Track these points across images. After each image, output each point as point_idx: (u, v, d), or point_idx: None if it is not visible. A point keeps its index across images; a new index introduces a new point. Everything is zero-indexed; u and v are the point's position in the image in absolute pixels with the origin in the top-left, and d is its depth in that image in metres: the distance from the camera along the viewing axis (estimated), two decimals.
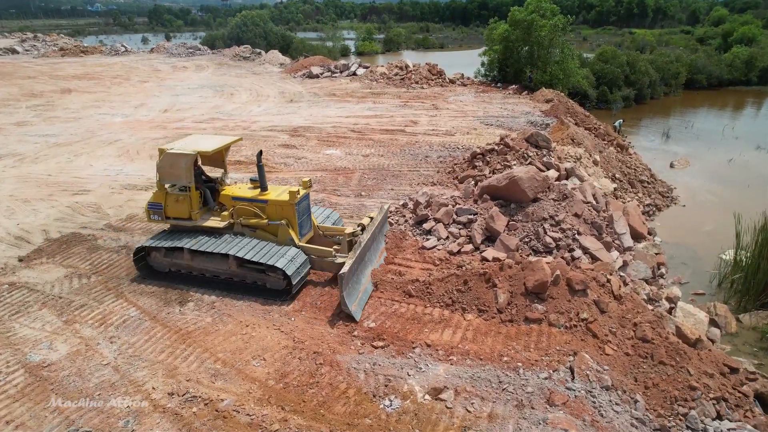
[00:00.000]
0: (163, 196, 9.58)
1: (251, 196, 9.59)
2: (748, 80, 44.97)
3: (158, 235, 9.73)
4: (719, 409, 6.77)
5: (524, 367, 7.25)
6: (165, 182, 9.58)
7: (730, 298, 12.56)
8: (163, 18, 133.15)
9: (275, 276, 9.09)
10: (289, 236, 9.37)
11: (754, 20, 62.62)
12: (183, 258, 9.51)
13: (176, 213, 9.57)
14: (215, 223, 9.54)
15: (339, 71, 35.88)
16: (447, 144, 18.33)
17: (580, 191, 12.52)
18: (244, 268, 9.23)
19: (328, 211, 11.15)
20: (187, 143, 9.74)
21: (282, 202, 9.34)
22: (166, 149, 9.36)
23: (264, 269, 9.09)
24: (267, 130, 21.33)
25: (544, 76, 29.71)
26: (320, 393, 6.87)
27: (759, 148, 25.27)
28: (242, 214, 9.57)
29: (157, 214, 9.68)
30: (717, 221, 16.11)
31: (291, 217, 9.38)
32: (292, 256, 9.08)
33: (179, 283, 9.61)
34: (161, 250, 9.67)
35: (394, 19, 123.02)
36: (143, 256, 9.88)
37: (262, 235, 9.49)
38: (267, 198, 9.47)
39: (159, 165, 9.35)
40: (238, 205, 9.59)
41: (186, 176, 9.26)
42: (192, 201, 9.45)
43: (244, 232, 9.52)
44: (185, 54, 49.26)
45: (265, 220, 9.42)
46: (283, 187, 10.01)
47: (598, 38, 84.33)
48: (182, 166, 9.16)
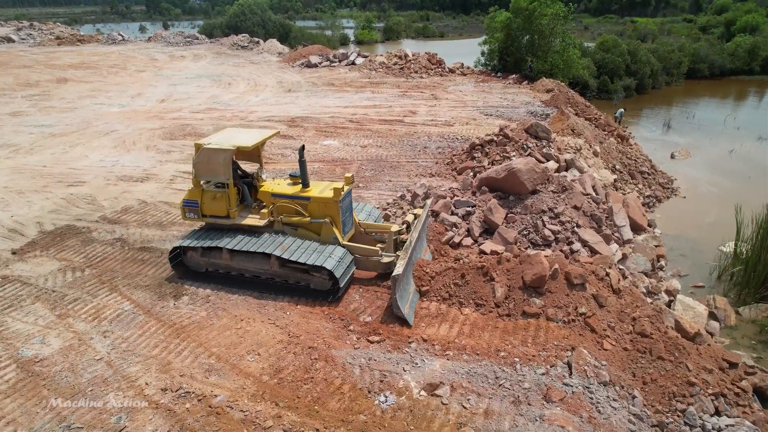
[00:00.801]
0: (199, 193, 9.20)
1: (292, 193, 9.17)
2: (751, 69, 44.56)
3: (194, 234, 9.35)
4: (717, 404, 6.71)
5: (521, 363, 7.18)
6: (201, 179, 9.17)
7: (729, 290, 12.48)
8: (160, 6, 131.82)
9: (320, 276, 8.73)
10: (332, 235, 8.97)
11: (758, 9, 61.87)
12: (221, 258, 9.14)
13: (213, 211, 9.20)
14: (254, 221, 9.15)
15: (338, 60, 35.54)
16: (446, 135, 18.15)
17: (579, 183, 12.39)
18: (286, 268, 8.86)
19: (368, 208, 10.65)
20: (224, 138, 9.31)
21: (326, 200, 8.93)
22: (202, 144, 8.93)
23: (308, 269, 8.71)
24: (264, 120, 21.13)
25: (545, 66, 29.42)
26: (315, 389, 6.80)
27: (761, 139, 25.08)
28: (283, 212, 9.19)
29: (193, 212, 9.30)
30: (717, 213, 16.00)
31: (335, 215, 8.98)
32: (340, 256, 8.69)
33: (216, 283, 9.25)
34: (198, 250, 9.28)
35: (393, 8, 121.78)
36: (178, 255, 9.52)
37: (304, 234, 9.11)
38: (309, 195, 9.07)
39: (195, 161, 8.94)
40: (279, 203, 9.19)
41: (224, 172, 8.86)
42: (230, 198, 9.07)
43: (285, 230, 9.17)
44: (183, 43, 48.78)
45: (308, 218, 9.05)
46: (325, 183, 9.58)
47: (599, 27, 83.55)
48: (220, 162, 8.76)
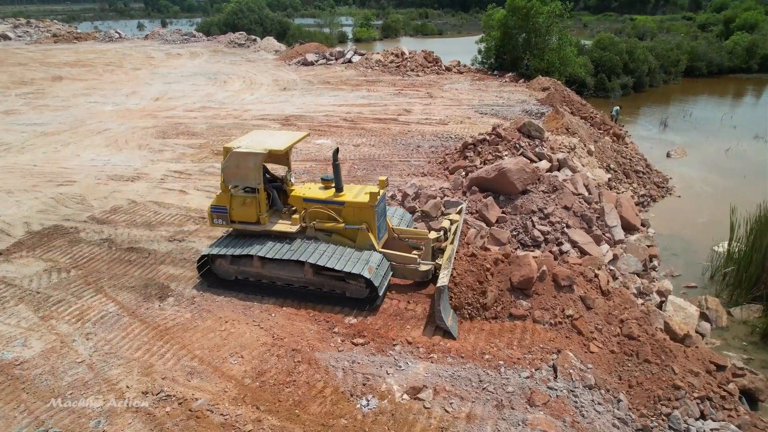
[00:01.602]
0: (228, 198, 8.87)
1: (326, 198, 8.84)
2: (749, 68, 44.45)
3: (222, 241, 9.05)
4: (703, 408, 6.65)
5: (506, 366, 7.12)
6: (230, 183, 8.85)
7: (722, 291, 12.41)
8: (159, 4, 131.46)
9: (357, 284, 8.41)
10: (369, 241, 8.62)
11: (757, 6, 61.68)
12: (252, 265, 8.82)
13: (243, 217, 8.87)
14: (286, 227, 8.84)
15: (334, 58, 35.41)
16: (440, 133, 18.07)
17: (571, 182, 12.31)
18: (321, 275, 8.55)
19: (400, 212, 10.32)
20: (253, 141, 8.95)
21: (361, 204, 8.60)
22: (232, 148, 8.61)
23: (344, 277, 8.41)
24: (258, 119, 21.03)
25: (541, 64, 29.30)
26: (296, 392, 6.74)
27: (757, 138, 25.00)
28: (315, 217, 8.85)
29: (221, 218, 8.98)
30: (712, 212, 15.94)
31: (370, 221, 8.64)
32: (378, 263, 8.39)
33: (247, 291, 8.95)
34: (227, 258, 8.96)
35: (392, 5, 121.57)
36: (205, 263, 9.22)
37: (338, 240, 8.79)
38: (343, 200, 8.73)
39: (224, 165, 8.65)
40: (311, 208, 8.85)
41: (255, 177, 8.56)
42: (260, 203, 8.75)
43: (318, 236, 8.84)
44: (180, 41, 48.63)
45: (342, 223, 8.73)
46: (359, 186, 9.27)
47: (598, 25, 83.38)
48: (251, 167, 8.46)
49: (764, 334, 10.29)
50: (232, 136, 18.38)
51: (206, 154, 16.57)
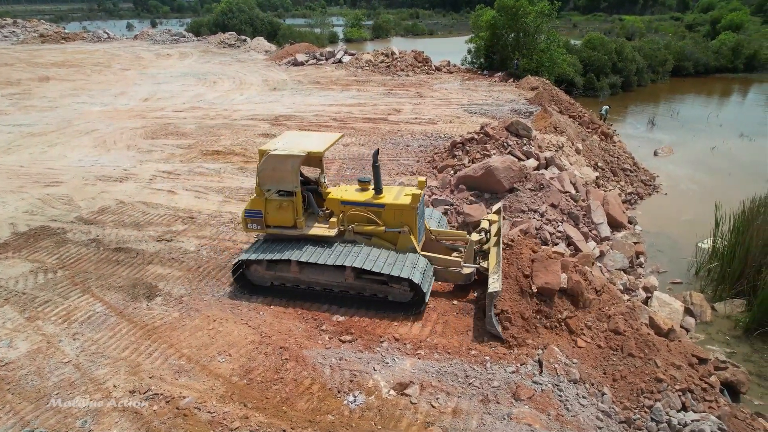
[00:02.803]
0: (263, 202, 8.64)
1: (365, 200, 8.61)
2: (735, 67, 45.06)
3: (257, 246, 8.77)
4: (685, 400, 6.76)
5: (492, 361, 7.19)
6: (266, 187, 8.58)
7: (706, 286, 12.59)
8: (148, 4, 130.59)
9: (400, 288, 8.21)
10: (410, 244, 8.41)
11: (742, 7, 62.58)
12: (290, 270, 8.59)
13: (279, 221, 8.66)
14: (324, 231, 8.61)
15: (324, 58, 35.41)
16: (429, 133, 18.15)
17: (558, 180, 12.44)
18: (362, 279, 8.35)
19: (437, 214, 10.13)
20: (289, 142, 8.69)
21: (402, 207, 8.39)
22: (268, 150, 8.36)
23: (387, 280, 8.21)
24: (248, 119, 21.00)
25: (531, 64, 29.49)
26: (284, 389, 6.77)
27: (742, 136, 25.35)
28: (354, 220, 8.64)
29: (256, 222, 8.74)
30: (698, 210, 16.14)
31: (412, 223, 8.42)
32: (423, 266, 8.21)
33: (283, 296, 8.77)
34: (263, 263, 8.71)
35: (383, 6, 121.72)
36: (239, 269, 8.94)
37: (378, 243, 8.56)
38: (383, 202, 8.51)
39: (260, 168, 8.39)
40: (350, 211, 8.63)
41: (292, 180, 8.32)
42: (297, 207, 8.54)
43: (357, 240, 8.64)
44: (169, 41, 48.35)
45: (382, 227, 8.53)
46: (397, 187, 9.06)
47: (588, 25, 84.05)
48: (288, 169, 8.23)
49: (747, 328, 10.47)
50: (222, 136, 18.36)
51: (195, 155, 16.53)
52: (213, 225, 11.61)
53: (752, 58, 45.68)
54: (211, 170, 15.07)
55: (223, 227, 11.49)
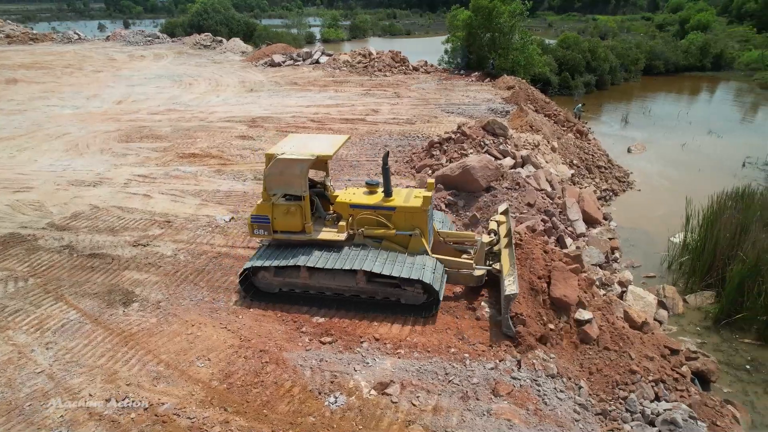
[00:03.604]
0: (270, 207, 8.46)
1: (374, 203, 8.51)
2: (703, 66, 46.38)
3: (264, 252, 8.63)
4: (657, 390, 6.95)
5: (471, 358, 7.28)
6: (273, 192, 8.42)
7: (678, 279, 12.95)
8: (121, 4, 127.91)
9: (414, 290, 8.12)
10: (421, 247, 8.34)
11: (709, 8, 64.43)
12: (299, 276, 8.45)
13: (286, 226, 8.48)
14: (334, 235, 8.50)
15: (302, 59, 35.23)
16: (407, 133, 18.23)
17: (534, 179, 12.63)
18: (374, 283, 8.26)
19: (440, 215, 10.06)
20: (296, 146, 8.52)
21: (413, 209, 8.32)
22: (275, 154, 8.19)
23: (400, 283, 8.13)
24: (225, 121, 20.79)
25: (506, 63, 29.84)
26: (264, 392, 6.74)
27: (711, 133, 26.10)
28: (364, 224, 8.54)
29: (263, 228, 8.55)
30: (670, 205, 16.57)
31: (422, 226, 8.37)
32: (435, 268, 8.15)
33: (291, 303, 8.61)
34: (270, 269, 8.56)
35: (360, 6, 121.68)
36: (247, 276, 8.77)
37: (388, 247, 8.45)
38: (394, 205, 8.42)
39: (267, 173, 8.24)
40: (359, 214, 8.54)
41: (301, 184, 8.19)
42: (305, 211, 8.38)
43: (366, 243, 8.53)
44: (143, 42, 47.47)
45: (393, 230, 8.43)
46: (406, 190, 8.95)
47: (562, 24, 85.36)
48: (297, 174, 8.08)
49: (716, 319, 10.81)
50: (198, 139, 18.15)
51: (171, 158, 16.30)
52: (190, 229, 11.48)
53: (719, 57, 47.14)
54: (187, 173, 14.89)
55: (201, 231, 11.37)
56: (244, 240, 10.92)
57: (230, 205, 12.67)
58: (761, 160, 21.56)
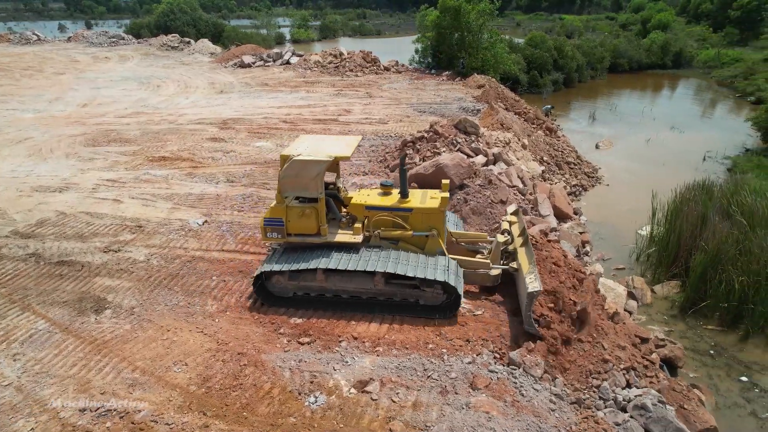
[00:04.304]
0: (284, 210, 8.29)
1: (391, 205, 8.46)
2: (664, 64, 47.95)
3: (277, 256, 8.46)
4: (629, 378, 7.19)
5: (449, 353, 7.39)
6: (288, 194, 8.25)
7: (646, 270, 13.38)
8: (82, 4, 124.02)
9: (433, 291, 8.08)
10: (439, 248, 8.35)
11: (668, 8, 66.66)
12: (315, 279, 8.32)
13: (301, 229, 8.33)
14: (350, 237, 8.37)
15: (272, 60, 34.91)
16: (380, 132, 18.30)
17: (506, 176, 12.86)
18: (392, 285, 8.19)
19: (451, 216, 10.03)
20: (311, 147, 8.34)
21: (431, 210, 8.30)
22: (291, 156, 7.99)
23: (418, 285, 8.10)
24: (195, 123, 20.46)
25: (476, 62, 30.22)
26: (244, 395, 6.70)
27: (673, 128, 27.02)
28: (380, 225, 8.49)
29: (277, 231, 8.38)
30: (637, 199, 17.08)
31: (440, 226, 8.37)
32: (455, 269, 8.16)
33: (305, 307, 8.47)
34: (285, 273, 8.37)
35: (330, 6, 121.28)
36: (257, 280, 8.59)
37: (404, 248, 8.43)
38: (411, 206, 8.39)
39: (283, 174, 8.06)
40: (375, 216, 8.48)
41: (317, 186, 8.04)
42: (320, 213, 8.25)
43: (382, 245, 8.47)
44: (107, 43, 46.25)
45: (410, 231, 8.40)
46: (420, 191, 8.93)
47: (530, 24, 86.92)
48: (313, 175, 7.94)
49: (681, 308, 11.23)
50: (168, 142, 17.82)
51: (141, 161, 15.96)
52: (162, 233, 11.28)
53: (679, 56, 48.86)
54: (158, 177, 14.61)
55: (173, 235, 11.19)
56: (218, 243, 10.80)
57: (203, 208, 12.51)
58: (720, 154, 22.46)
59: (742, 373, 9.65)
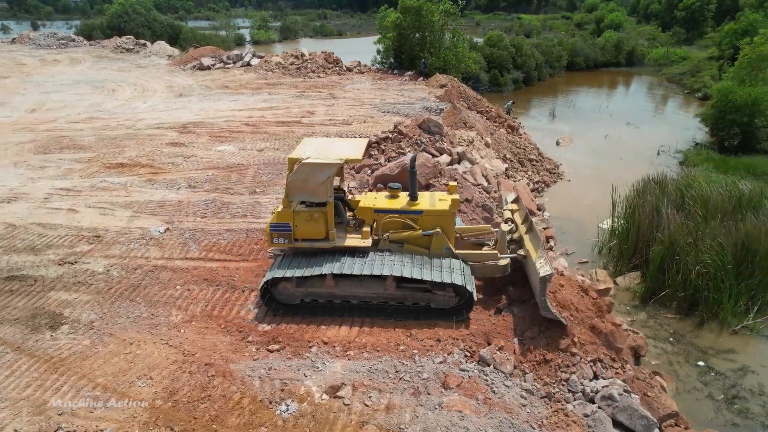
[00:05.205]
0: (291, 215, 8.06)
1: (401, 207, 8.35)
2: (618, 62, 49.71)
3: (282, 262, 8.21)
4: (596, 369, 7.36)
5: (420, 354, 7.39)
6: (296, 199, 8.03)
7: (608, 263, 13.75)
8: (27, 3, 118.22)
9: (445, 294, 8.05)
10: (445, 245, 8.30)
11: (619, 8, 69.15)
12: (323, 285, 8.15)
13: (309, 234, 8.11)
14: (359, 241, 8.21)
15: (232, 62, 34.27)
16: (344, 134, 18.20)
17: (471, 174, 12.99)
18: (403, 288, 8.09)
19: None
20: (319, 150, 8.14)
21: (441, 212, 8.24)
22: (300, 159, 7.77)
23: (430, 288, 8.02)
24: (153, 128, 19.85)
25: (438, 62, 30.48)
26: (213, 407, 6.52)
27: (629, 124, 27.96)
28: (389, 228, 8.35)
29: (284, 236, 8.15)
30: (597, 193, 17.54)
31: (450, 228, 8.34)
32: (464, 270, 8.10)
33: (312, 315, 8.30)
34: (292, 280, 8.16)
35: (290, 7, 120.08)
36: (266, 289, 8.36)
37: (411, 249, 8.37)
38: (421, 208, 8.29)
39: (291, 179, 7.81)
40: (384, 219, 8.34)
41: (326, 190, 7.83)
42: (329, 218, 8.03)
43: (391, 248, 8.35)
44: (57, 45, 44.39)
45: (419, 230, 8.30)
46: (428, 193, 8.83)
47: (489, 23, 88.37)
48: (323, 179, 7.73)
49: (643, 298, 11.60)
50: (126, 147, 17.21)
51: (97, 168, 15.35)
52: (122, 242, 10.88)
53: (631, 54, 50.74)
54: (116, 184, 14.08)
55: (134, 244, 10.80)
56: (181, 251, 10.50)
57: (164, 215, 12.13)
58: (673, 148, 23.39)
59: (699, 358, 10.05)
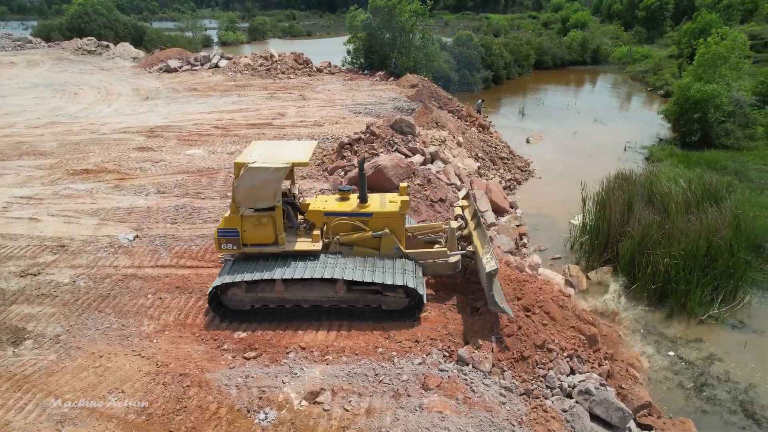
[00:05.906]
0: (239, 220, 7.88)
1: (351, 210, 8.30)
2: (584, 61, 50.84)
3: (231, 268, 8.03)
4: (572, 365, 7.47)
5: (399, 356, 7.37)
6: (243, 204, 7.82)
7: (580, 258, 14.03)
8: None
9: (396, 296, 8.02)
10: (394, 245, 8.27)
11: (583, 8, 70.78)
12: (273, 290, 8.01)
13: (258, 239, 7.98)
14: (309, 245, 8.13)
15: (200, 64, 33.60)
16: (316, 135, 18.05)
17: (444, 173, 13.06)
18: (354, 291, 8.04)
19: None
20: (266, 154, 7.96)
21: (391, 214, 8.21)
22: (246, 163, 7.54)
23: (380, 290, 7.96)
24: (119, 132, 19.28)
25: (408, 62, 30.57)
26: (189, 418, 6.34)
27: (596, 121, 28.61)
28: (339, 231, 8.28)
29: (231, 242, 7.97)
30: (568, 190, 17.86)
31: (400, 229, 8.33)
32: (413, 270, 8.09)
33: (264, 320, 8.14)
34: (241, 285, 7.99)
35: (258, 7, 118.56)
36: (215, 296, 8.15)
37: (361, 251, 8.32)
38: (371, 211, 8.27)
39: (238, 184, 7.60)
40: (334, 222, 8.26)
41: (274, 195, 7.69)
42: (278, 222, 7.92)
43: (342, 251, 8.29)
44: (12, 47, 42.79)
45: (369, 232, 8.24)
46: (378, 195, 8.77)
47: (458, 23, 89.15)
48: (271, 183, 7.58)
49: (614, 292, 11.86)
50: (91, 153, 16.67)
51: (60, 175, 14.81)
52: (89, 251, 10.51)
53: (596, 53, 51.98)
54: (81, 191, 13.61)
55: (102, 253, 10.45)
56: (151, 259, 10.21)
57: (133, 222, 11.78)
58: (638, 144, 24.04)
59: (669, 348, 10.35)
